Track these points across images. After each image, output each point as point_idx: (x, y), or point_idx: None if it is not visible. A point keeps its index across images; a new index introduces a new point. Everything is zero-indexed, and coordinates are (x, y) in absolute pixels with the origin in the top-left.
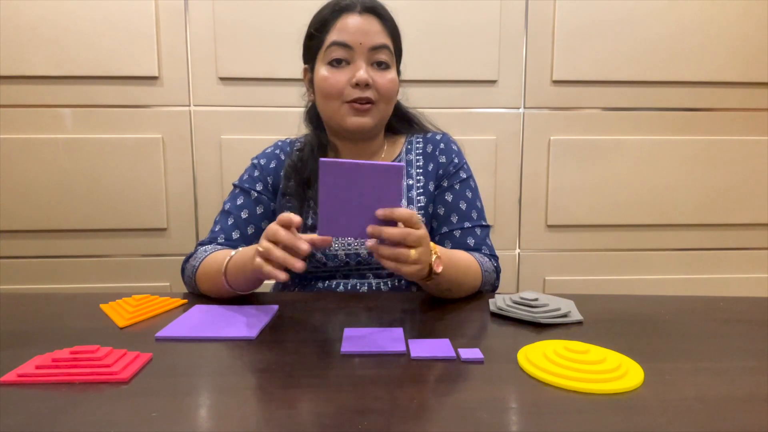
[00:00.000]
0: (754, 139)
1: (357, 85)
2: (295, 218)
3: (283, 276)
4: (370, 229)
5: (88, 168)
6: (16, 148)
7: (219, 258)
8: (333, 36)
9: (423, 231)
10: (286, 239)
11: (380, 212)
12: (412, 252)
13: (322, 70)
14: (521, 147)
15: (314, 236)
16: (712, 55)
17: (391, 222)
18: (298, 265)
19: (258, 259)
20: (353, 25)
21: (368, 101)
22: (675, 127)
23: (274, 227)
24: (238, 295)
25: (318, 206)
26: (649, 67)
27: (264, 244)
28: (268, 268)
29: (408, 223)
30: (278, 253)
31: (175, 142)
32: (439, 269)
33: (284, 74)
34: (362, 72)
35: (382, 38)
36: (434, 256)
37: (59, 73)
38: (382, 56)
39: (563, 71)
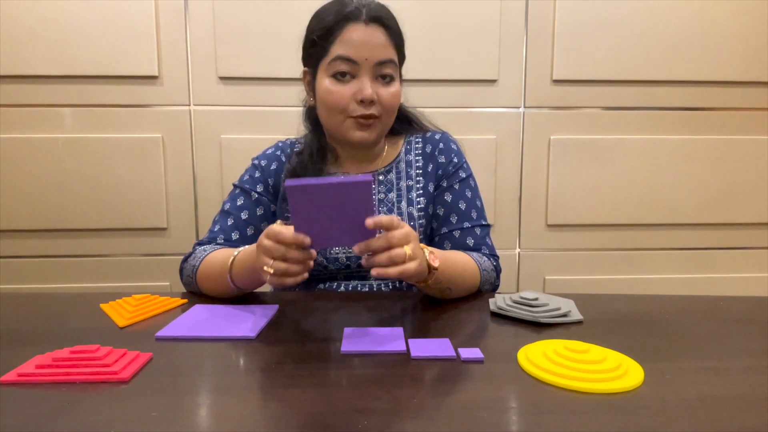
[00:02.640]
0: (754, 138)
1: (362, 101)
2: (306, 240)
3: (306, 275)
4: (357, 248)
5: (88, 167)
6: (16, 147)
7: (221, 257)
8: (337, 48)
9: (406, 228)
10: (299, 257)
11: (369, 222)
12: (406, 249)
13: (326, 82)
14: (521, 146)
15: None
16: (712, 55)
17: (371, 232)
18: (312, 263)
19: (276, 279)
20: (359, 39)
21: (372, 117)
22: (675, 127)
23: (282, 249)
24: (241, 293)
25: (294, 225)
26: (649, 67)
27: (277, 264)
28: (291, 280)
29: (391, 227)
30: (297, 268)
31: (175, 142)
32: (436, 263)
33: (284, 74)
34: (368, 91)
35: (388, 52)
36: (427, 252)
37: (59, 73)
38: (388, 70)
39: (563, 70)
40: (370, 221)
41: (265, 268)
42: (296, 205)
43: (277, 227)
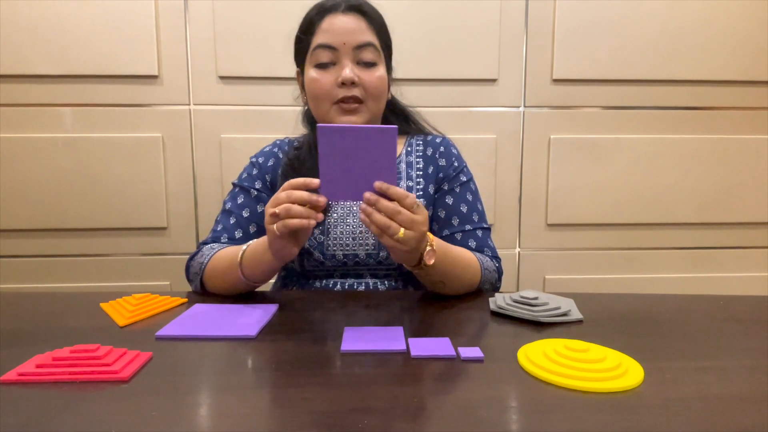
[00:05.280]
0: (753, 137)
1: (343, 84)
2: (314, 181)
3: (320, 217)
4: (367, 194)
5: (88, 167)
6: (16, 147)
7: (231, 252)
8: (318, 38)
9: (419, 217)
10: (306, 197)
11: (378, 184)
12: (401, 231)
13: (311, 73)
14: (521, 146)
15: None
16: (711, 54)
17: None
18: (321, 215)
19: (278, 224)
20: (337, 26)
21: (356, 100)
22: (675, 126)
23: (286, 192)
24: (250, 288)
25: (318, 171)
26: (649, 66)
27: (281, 207)
28: (296, 222)
29: (401, 203)
30: (299, 209)
31: (175, 141)
32: (431, 262)
33: (284, 73)
34: (347, 71)
35: (367, 36)
36: (428, 248)
37: (59, 72)
38: (368, 54)
39: (563, 70)
40: (378, 184)
41: (271, 211)
42: (324, 147)
43: (299, 181)
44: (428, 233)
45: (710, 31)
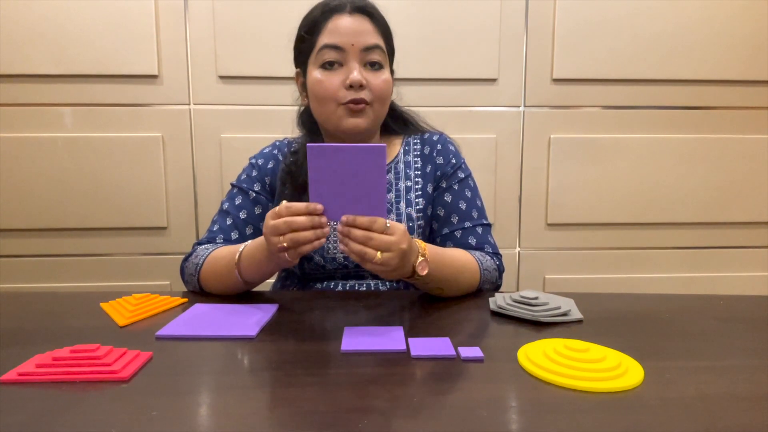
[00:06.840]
0: (753, 137)
1: (351, 86)
2: (317, 207)
3: (327, 231)
4: (339, 227)
5: (89, 167)
6: (16, 146)
7: (227, 253)
8: (324, 38)
9: (393, 237)
10: (307, 223)
11: (344, 218)
12: (378, 254)
13: (315, 73)
14: (521, 145)
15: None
16: (711, 54)
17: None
18: (327, 229)
19: (290, 253)
20: (344, 26)
21: (363, 102)
22: (675, 126)
23: (285, 221)
24: (247, 288)
25: (309, 192)
26: (649, 66)
27: (287, 238)
28: (308, 247)
29: (371, 229)
30: (309, 234)
31: (175, 141)
32: (424, 272)
33: (284, 73)
34: (356, 73)
35: (374, 38)
36: (420, 258)
37: (59, 72)
38: (375, 56)
39: (563, 69)
40: (345, 218)
41: (279, 245)
42: (314, 166)
43: (301, 206)
44: (420, 242)
45: (710, 30)
